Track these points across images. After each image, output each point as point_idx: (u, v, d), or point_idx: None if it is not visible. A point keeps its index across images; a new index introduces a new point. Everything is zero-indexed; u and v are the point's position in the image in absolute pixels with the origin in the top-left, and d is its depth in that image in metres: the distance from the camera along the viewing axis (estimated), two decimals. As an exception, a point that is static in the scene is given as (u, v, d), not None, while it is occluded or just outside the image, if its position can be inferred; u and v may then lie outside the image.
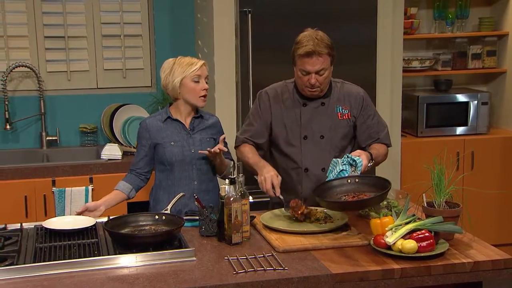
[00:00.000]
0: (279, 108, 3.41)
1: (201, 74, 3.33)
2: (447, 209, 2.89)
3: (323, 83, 3.28)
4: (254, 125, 3.44)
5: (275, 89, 3.45)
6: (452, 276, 2.63)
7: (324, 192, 3.15)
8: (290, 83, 3.44)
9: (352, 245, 2.82)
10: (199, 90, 3.32)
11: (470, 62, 5.48)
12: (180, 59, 3.36)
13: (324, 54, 3.20)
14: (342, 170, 3.19)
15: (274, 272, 2.55)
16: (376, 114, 3.51)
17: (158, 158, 3.38)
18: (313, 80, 3.22)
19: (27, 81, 4.95)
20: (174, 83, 3.32)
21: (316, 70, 3.21)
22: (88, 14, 4.99)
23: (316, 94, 3.33)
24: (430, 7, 5.47)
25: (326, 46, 3.21)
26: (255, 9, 4.41)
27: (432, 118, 5.22)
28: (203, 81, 3.34)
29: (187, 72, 3.30)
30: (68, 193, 4.40)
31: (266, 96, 3.45)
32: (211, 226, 2.97)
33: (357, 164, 3.16)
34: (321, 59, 3.19)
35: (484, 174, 5.19)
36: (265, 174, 3.18)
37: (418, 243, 2.64)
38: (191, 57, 3.39)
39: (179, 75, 3.31)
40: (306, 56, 3.19)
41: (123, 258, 2.65)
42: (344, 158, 3.20)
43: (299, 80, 3.30)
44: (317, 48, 3.17)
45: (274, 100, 3.42)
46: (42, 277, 2.52)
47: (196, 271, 2.58)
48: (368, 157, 3.24)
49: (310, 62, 3.19)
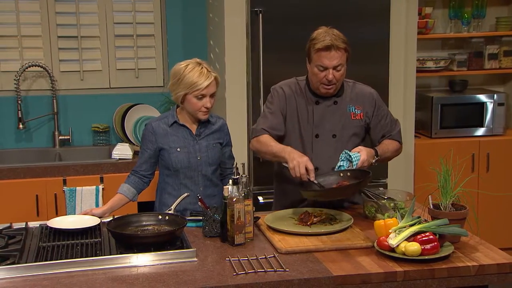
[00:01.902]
0: (294, 104, 3.37)
1: (206, 93, 3.22)
2: (453, 211, 2.84)
3: (339, 80, 3.25)
4: (271, 118, 3.36)
5: (288, 85, 3.41)
6: (456, 279, 2.58)
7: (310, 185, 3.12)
8: (301, 81, 3.41)
9: (355, 247, 2.79)
10: (200, 106, 3.25)
11: (487, 62, 5.40)
12: (190, 71, 3.22)
13: (342, 49, 3.18)
14: (339, 165, 3.19)
15: (274, 274, 2.53)
16: (388, 113, 3.49)
17: (164, 163, 3.36)
18: (330, 76, 3.19)
19: (41, 81, 4.97)
20: (177, 95, 3.27)
21: (334, 65, 3.18)
22: (101, 14, 5.00)
23: (331, 91, 3.29)
24: (445, 7, 5.41)
25: (343, 41, 3.20)
26: (267, 9, 4.39)
27: (446, 119, 5.15)
28: (207, 99, 3.24)
29: (192, 89, 3.21)
30: (78, 192, 4.41)
31: (281, 90, 3.40)
32: (215, 227, 2.95)
33: (353, 159, 3.15)
34: (340, 53, 3.18)
35: (500, 176, 5.13)
36: (298, 159, 3.05)
37: (422, 245, 2.60)
38: (202, 70, 3.23)
39: (183, 90, 3.23)
40: (324, 50, 3.16)
41: (123, 258, 2.64)
42: (342, 154, 3.20)
43: (315, 77, 3.26)
44: (335, 42, 3.15)
45: (289, 95, 3.37)
46: (42, 276, 2.52)
47: (197, 272, 2.56)
48: (370, 152, 3.21)
49: (329, 56, 3.17)
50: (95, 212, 3.20)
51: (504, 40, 5.42)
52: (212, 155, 3.36)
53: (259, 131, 3.34)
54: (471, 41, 5.47)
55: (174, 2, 5.08)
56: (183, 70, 3.24)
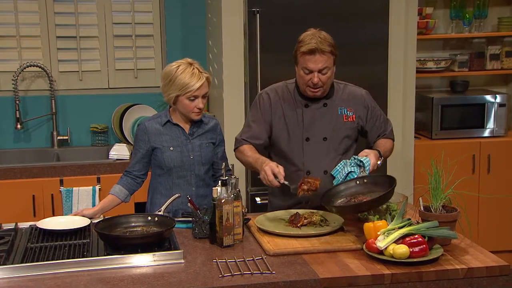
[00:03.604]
0: (280, 109, 3.35)
1: (198, 94, 3.21)
2: (444, 213, 2.81)
3: (326, 83, 3.22)
4: (253, 126, 3.38)
5: (275, 90, 3.40)
6: (444, 282, 2.56)
7: (332, 197, 3.12)
8: (290, 84, 3.39)
9: (345, 249, 2.76)
10: (192, 107, 3.23)
11: (488, 63, 5.35)
12: (182, 73, 3.19)
13: (327, 52, 3.15)
14: (350, 172, 3.16)
15: (261, 276, 2.51)
16: (381, 113, 3.48)
17: (156, 162, 3.34)
18: (315, 79, 3.17)
19: (39, 81, 4.97)
20: (169, 96, 3.25)
21: (319, 68, 3.15)
22: (100, 14, 4.99)
23: (319, 94, 3.27)
24: (447, 7, 5.37)
25: (329, 44, 3.16)
26: (264, 9, 4.37)
27: (447, 120, 5.11)
28: (199, 100, 3.22)
29: (184, 91, 3.19)
30: (75, 193, 4.40)
31: (266, 96, 3.39)
32: (204, 228, 2.93)
33: (365, 164, 3.13)
34: (324, 57, 3.15)
35: (501, 178, 5.08)
36: (264, 167, 3.08)
37: (410, 248, 2.57)
38: (193, 72, 3.21)
39: (174, 92, 3.21)
40: (309, 54, 3.14)
41: (109, 259, 2.63)
42: (352, 159, 3.17)
43: (301, 80, 3.24)
44: (320, 46, 3.13)
45: (275, 100, 3.36)
46: (27, 278, 2.51)
47: (182, 273, 2.55)
48: (376, 155, 3.22)
49: (313, 60, 3.14)
50: (86, 213, 3.19)
51: (506, 40, 5.37)
52: (205, 154, 3.35)
53: (239, 142, 3.37)
54: (472, 42, 5.43)
55: (173, 3, 5.07)
56: (175, 71, 3.22)
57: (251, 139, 3.36)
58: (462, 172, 4.78)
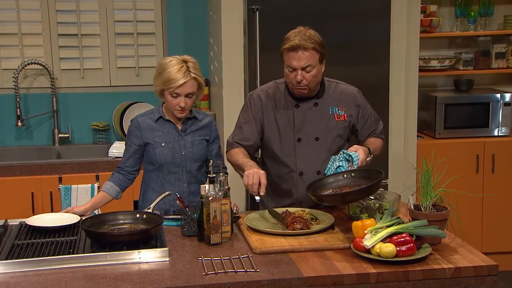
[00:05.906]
0: (271, 110, 3.31)
1: (180, 92, 3.16)
2: (434, 212, 2.77)
3: (311, 81, 3.16)
4: (245, 128, 3.34)
5: (266, 91, 3.36)
6: (431, 282, 2.51)
7: (318, 188, 3.09)
8: (281, 84, 3.35)
9: (332, 248, 2.73)
10: (175, 104, 3.20)
11: (494, 61, 5.29)
12: (170, 67, 3.17)
13: (310, 49, 3.09)
14: (339, 166, 3.15)
15: (245, 274, 2.48)
16: (372, 112, 3.43)
17: (148, 158, 3.33)
18: (299, 77, 3.12)
19: (41, 79, 4.98)
20: (156, 88, 3.24)
21: (302, 66, 3.10)
22: (102, 12, 4.99)
23: (305, 92, 3.22)
24: (452, 5, 5.31)
25: (312, 42, 3.10)
26: (264, 6, 4.34)
27: (451, 119, 5.05)
28: (181, 98, 3.18)
29: (166, 85, 3.17)
30: (74, 190, 4.40)
31: (257, 97, 3.35)
32: (193, 226, 2.91)
33: (354, 159, 3.11)
34: (307, 54, 3.09)
35: (505, 178, 5.02)
36: (250, 170, 3.02)
37: (397, 247, 2.54)
38: (181, 68, 3.16)
39: (159, 85, 3.20)
40: (291, 51, 3.10)
41: (94, 257, 2.61)
42: (341, 154, 3.16)
43: (287, 78, 3.21)
44: (303, 43, 3.08)
45: (266, 102, 3.32)
46: (10, 274, 2.50)
47: (166, 271, 2.52)
48: (366, 151, 3.18)
49: (296, 57, 3.10)
50: (77, 210, 3.18)
51: (512, 39, 5.32)
52: (197, 151, 3.32)
53: (231, 144, 3.34)
54: (478, 40, 5.36)
55: (175, 1, 5.06)
56: (166, 64, 3.21)
57: (243, 141, 3.32)
58: (466, 172, 4.76)
